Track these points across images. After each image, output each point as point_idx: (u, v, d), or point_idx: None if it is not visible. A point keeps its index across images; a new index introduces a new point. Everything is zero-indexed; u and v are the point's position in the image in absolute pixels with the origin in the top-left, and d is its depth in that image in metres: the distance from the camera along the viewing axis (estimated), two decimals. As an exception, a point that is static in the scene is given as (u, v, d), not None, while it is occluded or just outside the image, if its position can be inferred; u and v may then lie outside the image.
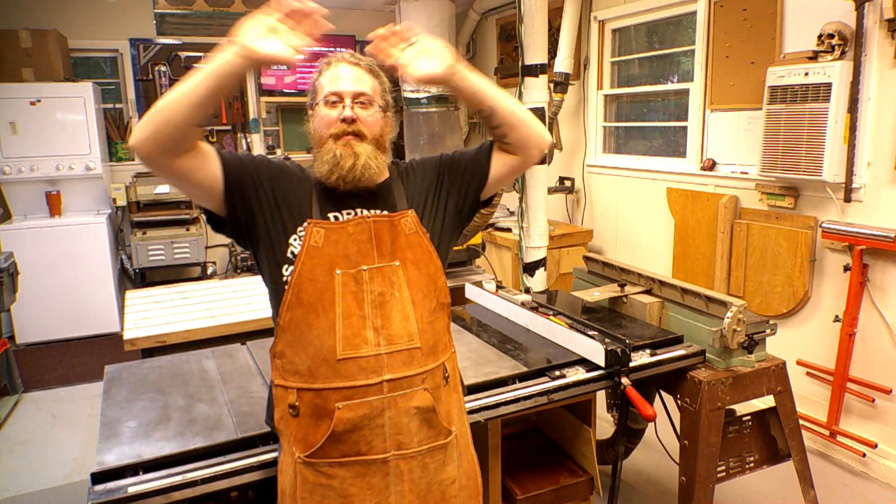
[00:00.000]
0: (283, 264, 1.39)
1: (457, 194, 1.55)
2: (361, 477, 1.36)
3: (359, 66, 1.44)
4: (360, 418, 1.34)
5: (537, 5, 3.57)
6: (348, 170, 1.37)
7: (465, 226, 1.61)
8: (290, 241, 1.39)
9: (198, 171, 1.32)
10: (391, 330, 1.37)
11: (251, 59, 1.22)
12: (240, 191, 1.38)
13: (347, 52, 1.48)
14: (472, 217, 1.61)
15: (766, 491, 2.76)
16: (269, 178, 1.42)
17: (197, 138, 1.30)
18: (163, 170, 1.29)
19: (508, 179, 1.61)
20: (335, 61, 1.45)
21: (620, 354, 1.97)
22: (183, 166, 1.29)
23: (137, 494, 1.40)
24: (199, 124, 1.27)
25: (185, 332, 2.54)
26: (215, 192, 1.36)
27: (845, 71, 2.83)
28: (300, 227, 1.39)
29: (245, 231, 1.42)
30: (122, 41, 5.56)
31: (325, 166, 1.38)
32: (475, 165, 1.55)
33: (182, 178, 1.32)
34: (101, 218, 4.97)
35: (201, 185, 1.35)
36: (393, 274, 1.39)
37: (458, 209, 1.55)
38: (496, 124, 1.48)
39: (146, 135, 1.22)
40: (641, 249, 4.33)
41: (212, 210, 1.41)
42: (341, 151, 1.37)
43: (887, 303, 2.87)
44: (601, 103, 4.67)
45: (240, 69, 1.24)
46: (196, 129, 1.27)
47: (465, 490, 1.51)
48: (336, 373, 1.34)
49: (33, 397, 3.92)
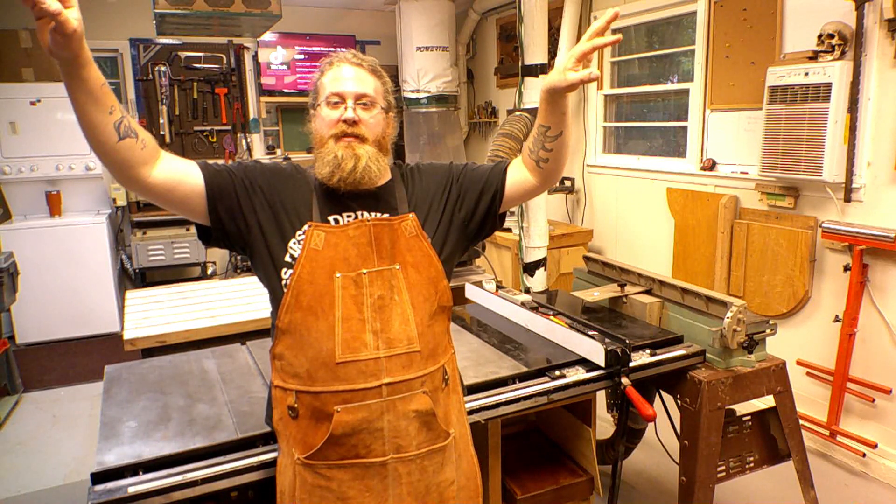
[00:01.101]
0: (281, 268, 1.38)
1: (466, 209, 1.52)
2: (360, 479, 1.35)
3: (361, 67, 1.43)
4: (358, 422, 1.33)
5: (537, 5, 3.57)
6: (349, 171, 1.36)
7: (472, 241, 1.59)
8: (289, 246, 1.38)
9: (176, 187, 1.31)
10: (390, 333, 1.36)
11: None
12: (225, 201, 1.37)
13: (350, 52, 1.47)
14: (483, 234, 1.59)
15: (766, 491, 2.76)
16: (265, 184, 1.41)
17: (132, 148, 1.23)
18: (136, 187, 1.28)
19: (517, 202, 1.60)
20: (337, 61, 1.44)
21: (620, 354, 1.97)
22: (157, 184, 1.28)
23: (137, 494, 1.40)
24: (105, 132, 1.18)
25: (185, 332, 2.54)
26: (198, 206, 1.35)
27: (845, 71, 2.83)
28: (299, 230, 1.38)
29: (237, 239, 1.41)
30: (122, 41, 5.56)
31: (327, 168, 1.37)
32: (490, 183, 1.53)
33: (161, 197, 1.31)
34: (101, 218, 4.97)
35: (183, 201, 1.34)
36: (393, 277, 1.38)
37: (465, 222, 1.53)
38: (552, 147, 1.45)
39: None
40: (641, 249, 4.33)
41: (199, 223, 1.40)
42: (343, 153, 1.37)
43: (887, 303, 2.87)
44: (601, 103, 4.67)
45: (66, 71, 1.11)
46: (115, 139, 1.19)
47: (465, 491, 1.51)
48: (335, 376, 1.33)
49: (33, 397, 3.92)
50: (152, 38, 5.52)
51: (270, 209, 1.40)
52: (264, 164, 1.47)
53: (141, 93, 5.66)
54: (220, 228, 1.39)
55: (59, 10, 0.99)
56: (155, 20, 3.42)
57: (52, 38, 1.03)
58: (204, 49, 5.78)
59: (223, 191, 1.37)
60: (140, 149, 1.24)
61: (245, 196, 1.39)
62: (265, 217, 1.40)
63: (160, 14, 3.26)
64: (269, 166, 1.47)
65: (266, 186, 1.41)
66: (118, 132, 1.20)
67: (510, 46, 5.64)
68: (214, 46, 5.79)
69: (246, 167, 1.44)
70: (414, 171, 1.55)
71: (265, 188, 1.41)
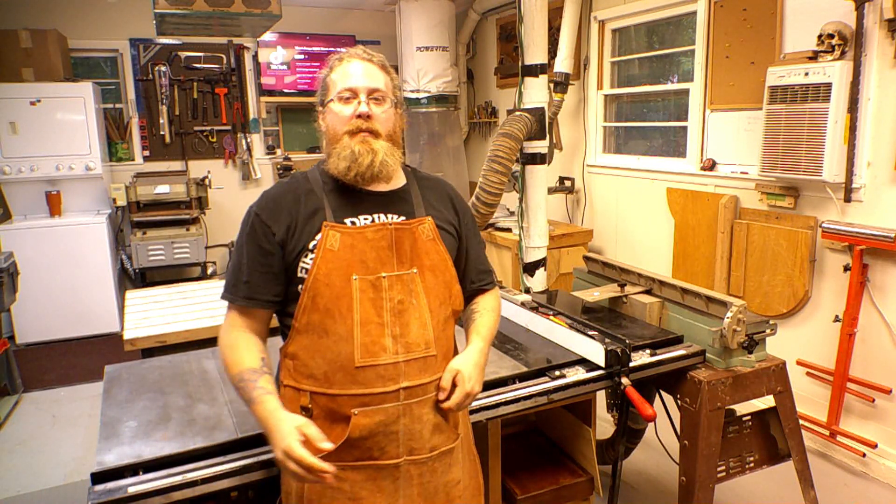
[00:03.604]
0: (295, 284, 1.38)
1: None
2: (372, 481, 1.36)
3: (371, 63, 1.43)
4: (375, 425, 1.33)
5: (537, 5, 3.56)
6: (367, 166, 1.36)
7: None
8: (301, 260, 1.36)
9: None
10: (409, 338, 1.36)
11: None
12: (281, 265, 1.39)
13: (359, 48, 1.46)
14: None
15: (766, 491, 2.76)
16: (273, 231, 1.38)
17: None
18: None
19: None
20: (347, 57, 1.43)
21: (620, 354, 1.97)
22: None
23: (137, 494, 1.39)
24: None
25: (185, 332, 2.54)
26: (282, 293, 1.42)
27: (845, 71, 2.82)
28: (312, 241, 1.36)
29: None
30: (122, 41, 5.56)
31: (343, 163, 1.36)
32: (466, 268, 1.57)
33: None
34: (101, 218, 4.97)
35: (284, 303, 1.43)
36: (412, 282, 1.38)
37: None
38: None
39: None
40: (641, 249, 4.33)
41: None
42: (359, 148, 1.36)
43: (887, 303, 2.87)
44: (601, 103, 4.67)
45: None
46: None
47: (469, 490, 1.52)
48: (353, 380, 1.33)
49: (33, 397, 3.92)
50: (152, 38, 5.53)
51: (280, 244, 1.38)
52: (259, 214, 1.41)
53: (141, 93, 5.66)
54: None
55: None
56: (155, 20, 3.42)
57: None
58: (204, 49, 5.78)
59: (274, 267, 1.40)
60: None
61: (275, 252, 1.39)
62: (280, 250, 1.39)
63: (160, 14, 3.26)
64: (267, 204, 1.42)
65: (274, 230, 1.38)
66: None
67: (510, 46, 5.63)
68: (214, 46, 5.79)
69: (254, 236, 1.40)
70: (425, 181, 1.54)
71: (274, 231, 1.38)
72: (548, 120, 3.87)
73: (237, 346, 1.38)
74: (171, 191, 5.20)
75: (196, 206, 5.34)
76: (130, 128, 5.70)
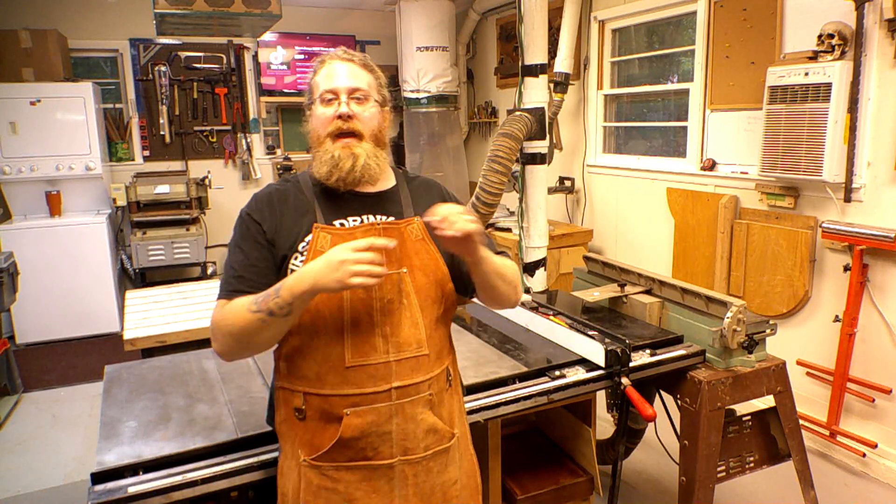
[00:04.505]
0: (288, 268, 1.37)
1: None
2: (367, 481, 1.35)
3: (352, 62, 1.43)
4: (367, 425, 1.33)
5: (537, 5, 3.57)
6: (348, 171, 1.36)
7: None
8: (292, 261, 1.36)
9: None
10: (400, 337, 1.36)
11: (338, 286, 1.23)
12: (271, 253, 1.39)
13: (340, 49, 1.46)
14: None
15: (766, 491, 2.76)
16: (263, 229, 1.39)
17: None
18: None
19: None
20: (329, 59, 1.44)
21: (620, 354, 1.97)
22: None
23: (137, 494, 1.40)
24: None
25: (185, 332, 2.54)
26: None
27: (845, 71, 2.82)
28: (301, 243, 1.36)
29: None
30: (122, 41, 5.56)
31: (325, 167, 1.37)
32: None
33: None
34: (101, 218, 4.97)
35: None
36: (401, 281, 1.37)
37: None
38: (484, 288, 1.46)
39: (220, 352, 1.39)
40: (641, 249, 4.33)
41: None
42: (340, 153, 1.36)
43: (887, 303, 2.87)
44: (601, 103, 4.67)
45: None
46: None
47: (466, 490, 1.51)
48: (345, 380, 1.33)
49: (33, 397, 3.92)
50: (152, 38, 5.53)
51: (275, 233, 1.39)
52: (251, 207, 1.43)
53: (141, 93, 5.67)
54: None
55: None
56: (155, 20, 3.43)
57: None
58: (204, 49, 5.78)
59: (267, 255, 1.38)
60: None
61: (264, 242, 1.39)
62: (269, 248, 1.39)
63: (160, 14, 3.26)
64: (257, 205, 1.43)
65: (265, 227, 1.39)
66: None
67: (510, 46, 5.64)
68: (214, 46, 5.79)
69: (248, 233, 1.40)
70: (419, 183, 1.54)
71: (266, 228, 1.39)
72: (548, 120, 3.87)
73: (230, 307, 1.35)
74: (171, 191, 5.20)
75: (196, 206, 5.34)
76: (130, 128, 5.71)
